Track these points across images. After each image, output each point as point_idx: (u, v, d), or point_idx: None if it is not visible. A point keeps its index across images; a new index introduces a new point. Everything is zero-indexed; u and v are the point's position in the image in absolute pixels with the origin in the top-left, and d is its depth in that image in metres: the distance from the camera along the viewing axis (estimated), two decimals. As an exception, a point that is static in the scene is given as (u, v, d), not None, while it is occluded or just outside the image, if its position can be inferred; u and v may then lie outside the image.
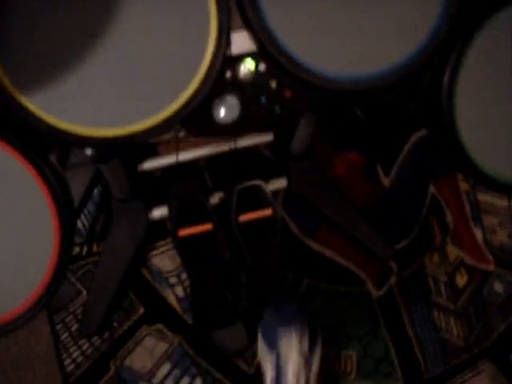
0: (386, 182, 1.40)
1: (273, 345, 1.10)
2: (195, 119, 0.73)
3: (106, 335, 1.26)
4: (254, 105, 0.76)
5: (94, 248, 1.30)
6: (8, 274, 0.71)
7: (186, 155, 1.18)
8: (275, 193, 1.27)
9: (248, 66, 0.74)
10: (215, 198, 1.23)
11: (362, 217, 1.31)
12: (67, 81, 0.67)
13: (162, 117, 0.70)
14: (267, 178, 1.25)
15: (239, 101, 0.74)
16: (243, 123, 0.76)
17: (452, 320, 1.32)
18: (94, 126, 0.69)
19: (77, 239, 1.29)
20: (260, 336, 1.14)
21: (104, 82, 0.68)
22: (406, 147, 1.42)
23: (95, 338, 1.26)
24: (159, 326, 1.27)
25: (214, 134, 0.77)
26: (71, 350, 1.25)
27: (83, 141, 0.68)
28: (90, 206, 1.31)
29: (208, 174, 1.29)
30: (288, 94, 0.75)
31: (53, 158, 0.76)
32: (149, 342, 1.26)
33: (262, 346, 1.13)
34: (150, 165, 1.20)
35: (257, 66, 0.74)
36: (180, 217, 1.19)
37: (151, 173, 1.31)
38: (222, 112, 0.75)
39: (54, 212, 0.67)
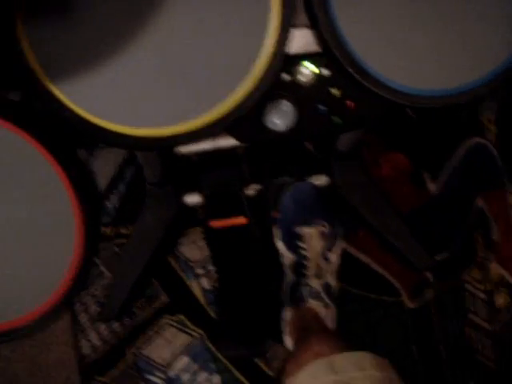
0: (432, 188, 1.32)
1: (292, 246, 1.07)
2: (244, 125, 0.66)
3: (126, 321, 1.22)
4: (312, 113, 0.68)
5: (122, 230, 1.25)
6: (28, 273, 0.66)
7: (224, 141, 1.11)
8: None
9: (309, 69, 0.66)
10: (251, 190, 1.17)
11: (403, 223, 1.24)
12: (103, 72, 0.61)
13: (208, 120, 0.63)
14: (308, 174, 1.19)
15: (295, 108, 0.67)
16: (297, 133, 0.68)
17: (486, 341, 1.25)
18: (129, 123, 0.62)
19: (105, 219, 1.25)
20: (278, 236, 1.10)
21: (145, 77, 0.62)
22: (457, 154, 1.34)
23: (114, 323, 1.22)
24: (181, 317, 1.23)
25: (264, 141, 0.70)
26: (89, 332, 1.22)
27: (115, 138, 0.62)
28: (121, 187, 1.26)
29: (246, 164, 1.23)
30: (351, 104, 0.67)
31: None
32: (169, 332, 1.22)
33: (281, 246, 1.10)
34: (186, 149, 1.14)
35: (319, 70, 0.67)
36: (213, 207, 1.13)
37: (187, 157, 1.25)
38: (276, 119, 0.67)
39: (78, 211, 0.62)
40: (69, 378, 1.20)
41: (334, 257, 1.07)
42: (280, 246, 1.10)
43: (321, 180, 1.20)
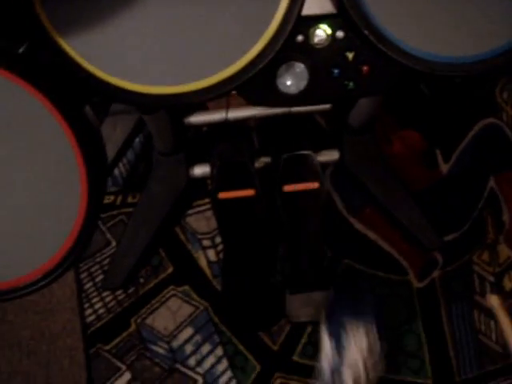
0: (444, 168, 1.31)
1: (336, 335, 1.05)
2: (256, 86, 0.65)
3: (131, 290, 1.22)
4: (325, 77, 0.67)
5: (129, 199, 1.25)
6: (31, 232, 0.65)
7: (236, 113, 1.11)
8: (324, 165, 1.19)
9: (323, 30, 0.65)
10: (261, 163, 1.16)
11: (413, 202, 1.23)
12: (114, 27, 0.59)
13: (220, 78, 0.62)
14: (318, 149, 1.17)
15: (308, 70, 0.65)
16: (309, 96, 0.67)
17: (492, 323, 1.24)
18: (140, 81, 0.61)
19: (112, 188, 1.24)
20: (324, 320, 1.09)
21: (157, 34, 0.60)
22: (471, 134, 1.32)
23: (119, 292, 1.22)
24: (186, 288, 1.23)
25: (274, 104, 0.68)
26: (94, 300, 1.21)
27: (127, 96, 0.61)
28: (130, 155, 1.25)
29: (256, 137, 1.22)
30: (366, 69, 0.66)
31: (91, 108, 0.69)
32: (174, 303, 1.21)
33: (324, 330, 1.08)
34: (197, 119, 1.13)
35: (334, 32, 0.65)
36: (222, 178, 1.12)
37: (197, 127, 1.24)
38: (288, 81, 0.66)
39: (84, 173, 0.61)
40: (72, 345, 1.20)
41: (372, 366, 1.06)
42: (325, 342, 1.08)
43: (331, 155, 1.18)
